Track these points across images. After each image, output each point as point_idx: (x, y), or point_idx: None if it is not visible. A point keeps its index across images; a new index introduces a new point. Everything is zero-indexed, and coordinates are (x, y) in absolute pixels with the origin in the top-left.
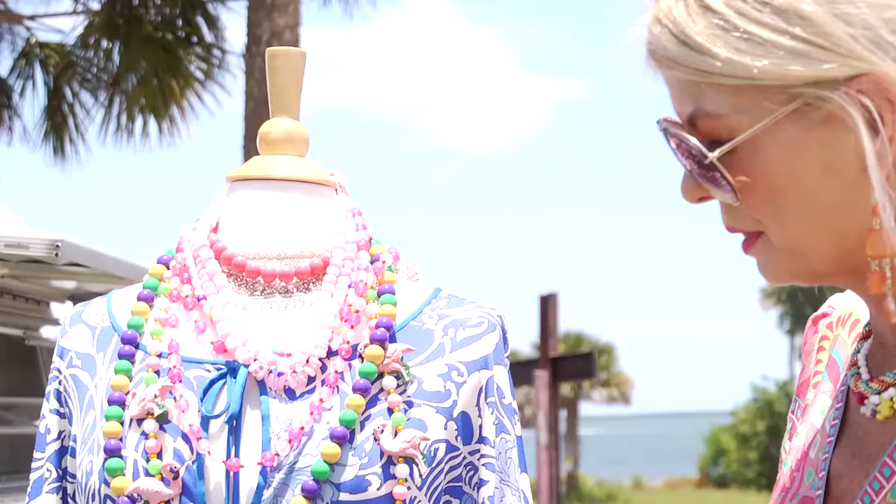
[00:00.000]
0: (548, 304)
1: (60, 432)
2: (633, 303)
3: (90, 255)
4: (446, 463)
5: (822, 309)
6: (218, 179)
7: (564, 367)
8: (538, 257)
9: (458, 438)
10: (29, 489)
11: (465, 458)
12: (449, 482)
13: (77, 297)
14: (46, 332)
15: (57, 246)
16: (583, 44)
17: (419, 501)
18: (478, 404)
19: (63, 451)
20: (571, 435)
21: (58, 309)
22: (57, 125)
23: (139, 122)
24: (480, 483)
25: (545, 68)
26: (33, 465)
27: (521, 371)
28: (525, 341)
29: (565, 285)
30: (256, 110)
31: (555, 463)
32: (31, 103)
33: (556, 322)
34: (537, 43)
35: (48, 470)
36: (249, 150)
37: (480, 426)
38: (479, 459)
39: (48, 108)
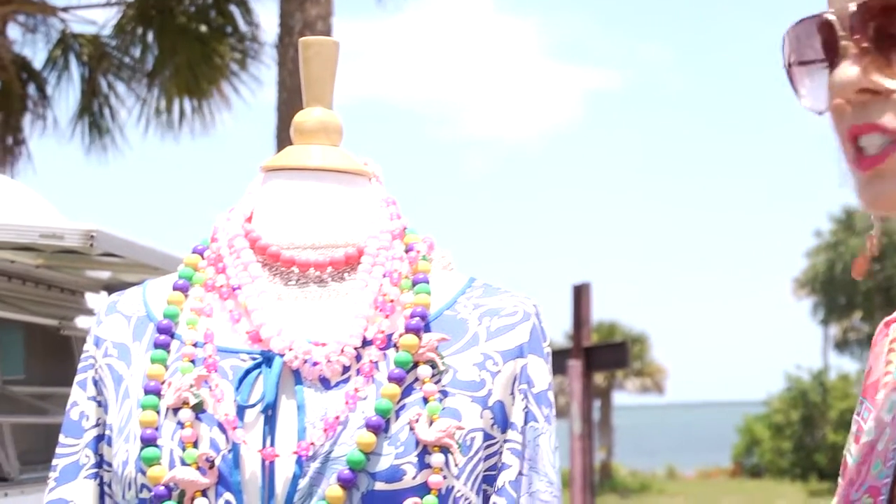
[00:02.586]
0: (581, 294)
1: (98, 419)
2: (666, 292)
3: (125, 246)
4: (483, 451)
5: None
6: (251, 169)
7: (598, 357)
8: (571, 247)
9: (495, 427)
10: (56, 474)
11: (501, 446)
12: (486, 471)
13: (111, 288)
14: (81, 322)
15: (92, 236)
16: (613, 35)
17: (457, 490)
18: (512, 392)
19: (100, 439)
20: (605, 424)
21: (92, 299)
22: (92, 116)
23: (173, 112)
24: (502, 467)
25: (576, 58)
26: (62, 450)
27: (554, 361)
28: (558, 331)
29: (598, 275)
30: (289, 100)
31: (588, 452)
32: (66, 95)
33: (590, 312)
34: (568, 33)
35: (86, 456)
36: (283, 139)
37: (511, 413)
38: (503, 444)
39: (83, 99)
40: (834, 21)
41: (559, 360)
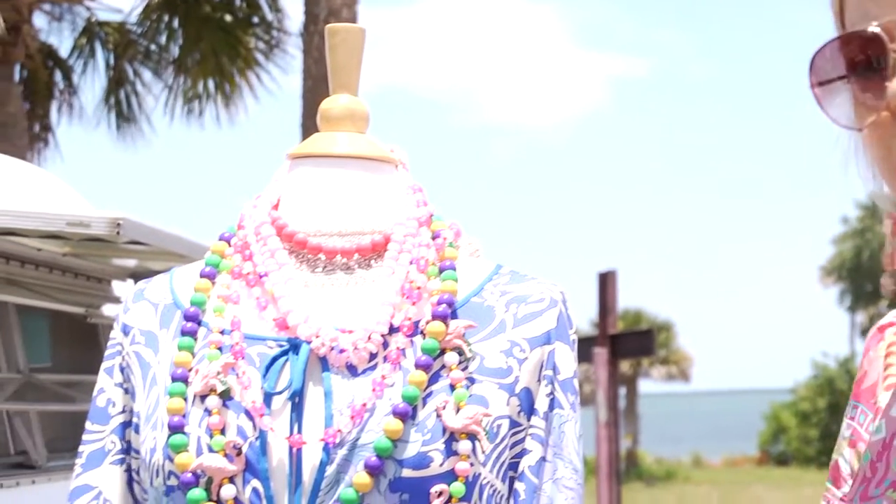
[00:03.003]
0: (606, 282)
1: (125, 406)
2: (692, 280)
3: (151, 233)
4: (510, 438)
5: (888, 318)
6: (277, 157)
7: (623, 345)
8: (597, 234)
9: (521, 414)
10: (82, 460)
11: (527, 433)
12: (513, 457)
13: (138, 276)
14: (108, 310)
15: (118, 224)
16: (638, 20)
17: (484, 478)
18: (538, 379)
19: (126, 426)
20: (630, 412)
21: (119, 287)
22: (118, 104)
23: (199, 100)
24: (523, 452)
25: (600, 45)
26: (88, 437)
27: (579, 349)
28: (584, 319)
29: (624, 262)
30: (314, 88)
31: (614, 440)
32: (93, 82)
33: (615, 299)
34: (592, 19)
35: (112, 442)
36: (308, 127)
37: (535, 399)
38: (527, 430)
39: (109, 87)
40: (881, 34)
41: (585, 347)
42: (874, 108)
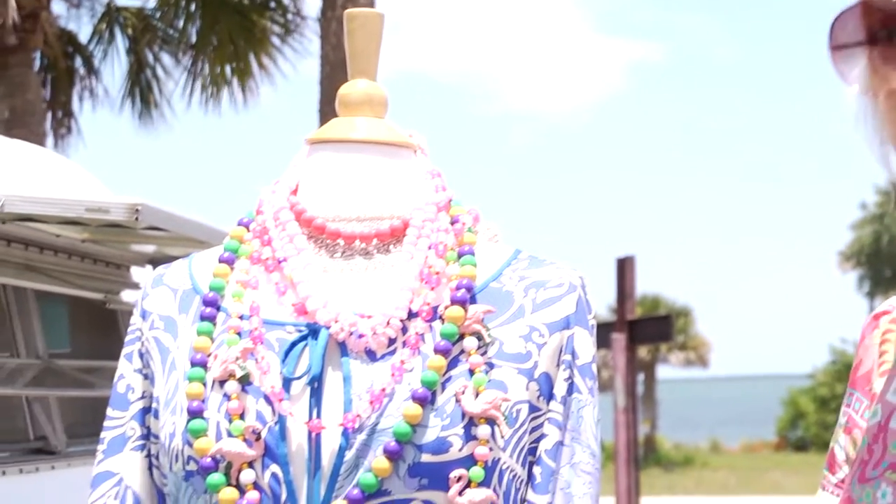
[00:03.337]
0: (625, 267)
1: (144, 392)
2: (710, 266)
3: (169, 219)
4: (529, 423)
5: (883, 307)
6: (294, 144)
7: (642, 330)
8: (615, 220)
9: (541, 399)
10: (104, 447)
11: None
12: (532, 442)
13: (157, 261)
14: (126, 296)
15: (137, 210)
16: (657, 5)
17: (503, 462)
18: (557, 364)
19: (146, 411)
20: (649, 398)
21: (138, 273)
22: (139, 89)
23: (216, 85)
24: (541, 437)
25: (618, 30)
26: (109, 423)
27: (598, 334)
28: (602, 304)
29: (642, 248)
30: (332, 74)
31: (632, 426)
32: (113, 68)
33: (634, 285)
34: (610, 4)
35: (132, 428)
36: (326, 114)
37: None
38: (545, 415)
39: (130, 73)
40: None
41: (603, 333)
42: (893, 78)
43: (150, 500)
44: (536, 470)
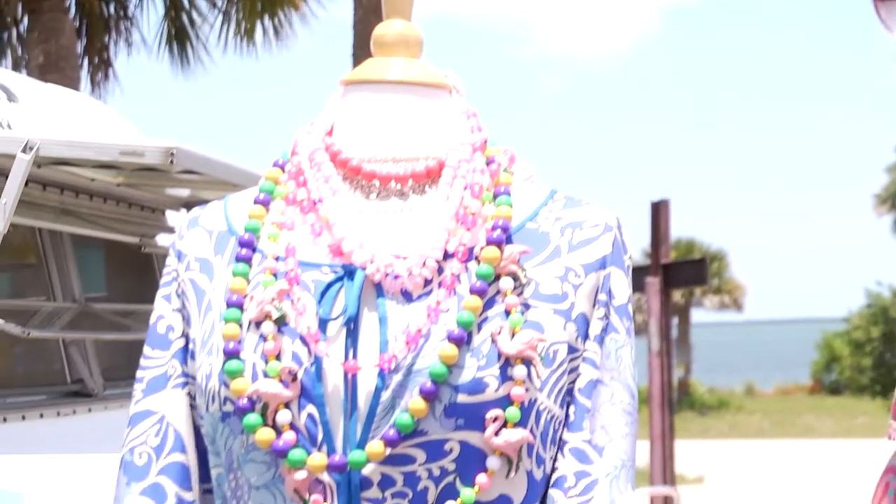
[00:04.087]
0: (659, 211)
1: (183, 332)
2: (745, 209)
3: (204, 162)
4: (567, 364)
5: None
6: (328, 89)
7: (676, 274)
8: (649, 163)
9: (579, 340)
10: (143, 385)
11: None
12: (570, 383)
13: (191, 205)
14: (162, 239)
15: (171, 153)
16: None
17: (540, 403)
18: (593, 304)
19: (185, 351)
20: (683, 342)
21: (172, 217)
22: (177, 33)
23: (252, 28)
24: (577, 377)
25: None
26: (147, 362)
27: (632, 278)
28: (636, 248)
29: (677, 192)
30: (365, 18)
31: (667, 370)
32: (148, 13)
33: (668, 228)
34: None
35: (173, 367)
36: (359, 58)
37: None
38: (581, 354)
39: (166, 17)
40: None
41: (637, 277)
42: None
43: (191, 438)
44: (571, 409)
